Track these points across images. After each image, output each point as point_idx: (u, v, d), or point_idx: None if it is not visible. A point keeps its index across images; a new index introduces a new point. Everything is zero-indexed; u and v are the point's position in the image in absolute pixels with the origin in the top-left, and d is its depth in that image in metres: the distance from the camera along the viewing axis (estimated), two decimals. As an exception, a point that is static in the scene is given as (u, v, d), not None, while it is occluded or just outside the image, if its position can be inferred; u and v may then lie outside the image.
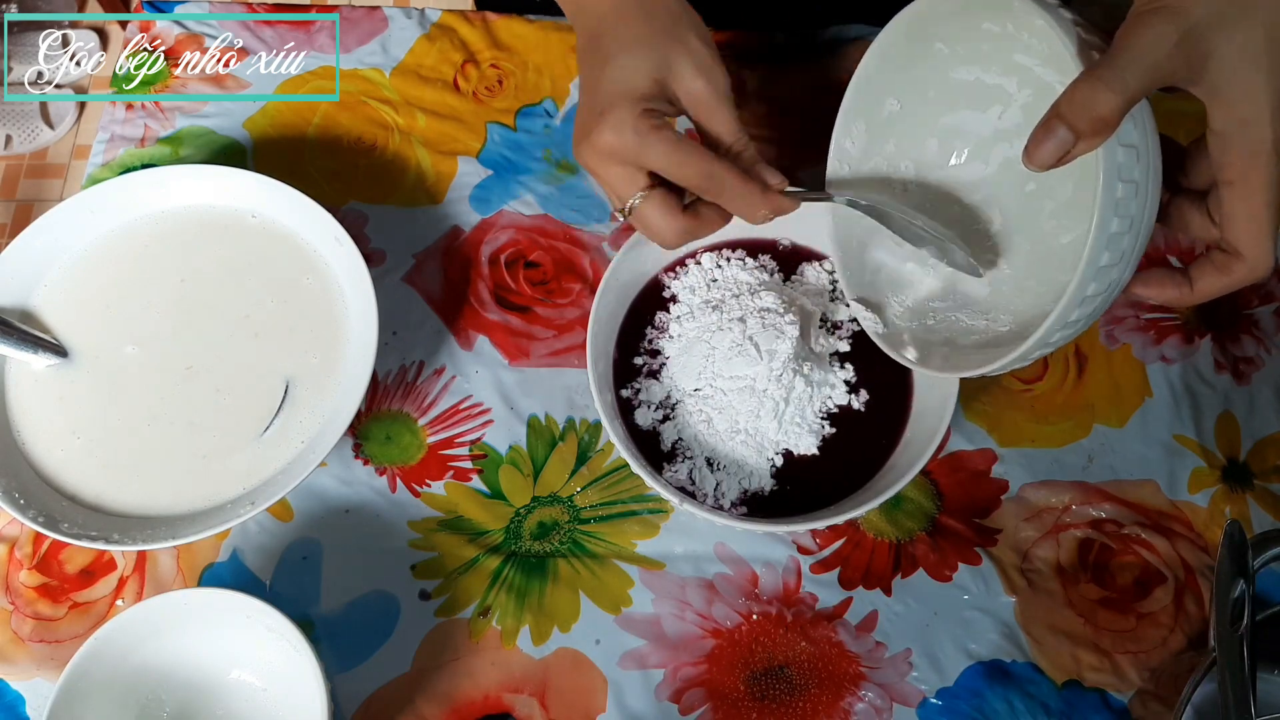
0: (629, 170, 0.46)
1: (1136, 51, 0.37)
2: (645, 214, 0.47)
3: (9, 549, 0.54)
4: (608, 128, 0.44)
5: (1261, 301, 0.62)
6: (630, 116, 0.44)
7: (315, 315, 0.57)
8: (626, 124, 0.44)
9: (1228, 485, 0.57)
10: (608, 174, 0.46)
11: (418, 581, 0.53)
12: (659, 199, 0.46)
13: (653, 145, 0.44)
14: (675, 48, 0.46)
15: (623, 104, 0.45)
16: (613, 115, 0.45)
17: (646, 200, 0.46)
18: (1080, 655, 0.52)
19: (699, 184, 0.45)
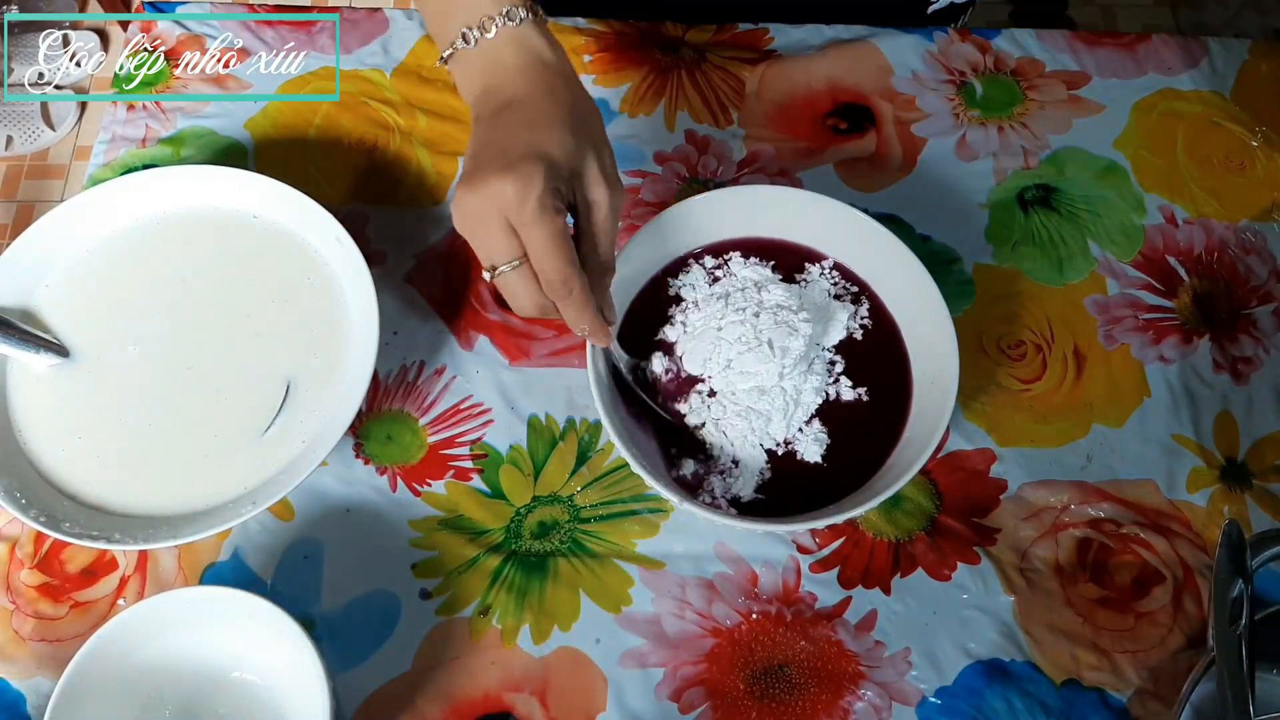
0: (508, 235, 0.45)
1: None
2: (513, 283, 0.46)
3: (10, 548, 0.54)
4: (513, 181, 0.43)
5: (1260, 301, 0.62)
6: (540, 184, 0.43)
7: (316, 315, 0.57)
8: (533, 189, 0.43)
9: (1226, 485, 0.57)
10: (487, 231, 0.45)
11: (418, 581, 0.53)
12: (529, 272, 0.46)
13: (543, 224, 0.44)
14: (591, 151, 0.46)
15: (538, 168, 0.43)
16: (525, 173, 0.43)
17: (519, 270, 0.46)
18: (1079, 654, 0.52)
19: (551, 281, 0.46)
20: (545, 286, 0.46)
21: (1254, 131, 0.68)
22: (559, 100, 0.47)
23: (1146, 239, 0.64)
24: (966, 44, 0.71)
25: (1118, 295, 0.62)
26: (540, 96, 0.47)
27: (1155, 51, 0.71)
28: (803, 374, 0.53)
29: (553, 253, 0.44)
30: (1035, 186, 0.65)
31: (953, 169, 0.66)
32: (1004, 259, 0.63)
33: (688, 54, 0.70)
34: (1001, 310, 0.61)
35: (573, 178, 0.46)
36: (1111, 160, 0.67)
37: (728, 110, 0.67)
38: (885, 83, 0.69)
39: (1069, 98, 0.69)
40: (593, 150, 0.46)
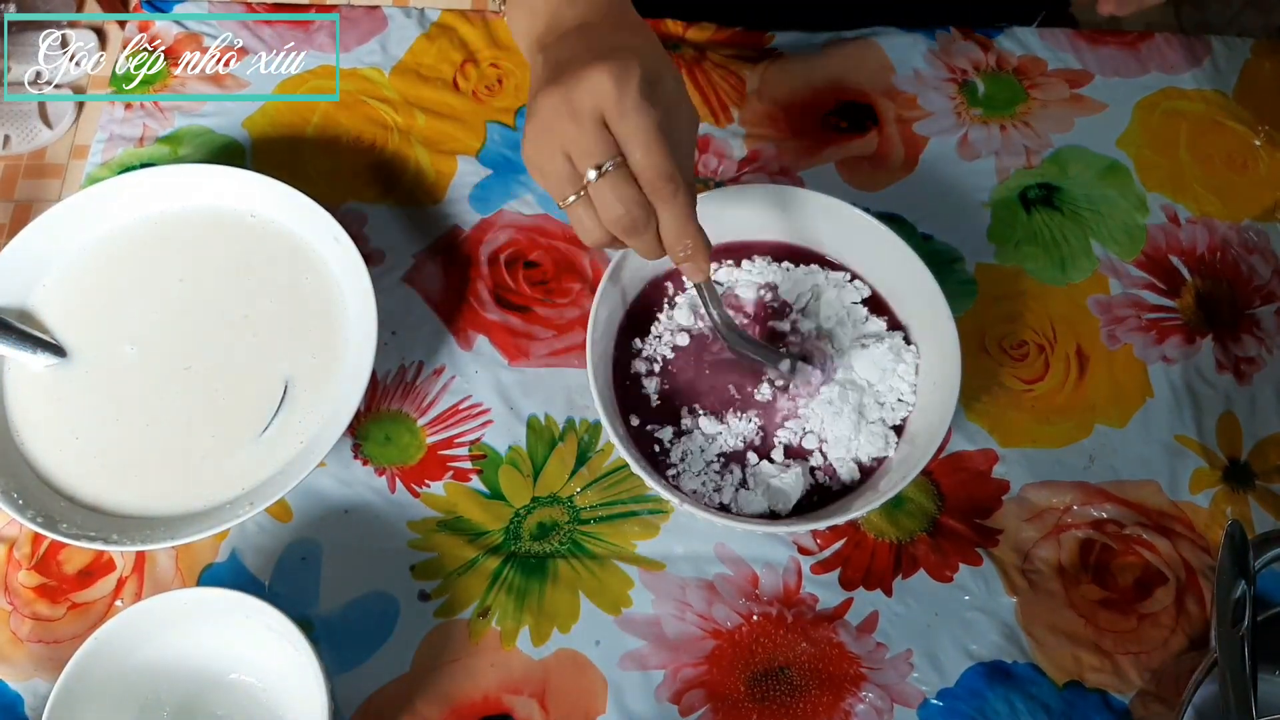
0: (605, 134, 0.41)
1: None
2: (612, 187, 0.42)
3: (8, 549, 0.53)
4: (609, 73, 0.40)
5: (1263, 301, 0.62)
6: (638, 71, 0.40)
7: (314, 315, 0.57)
8: (632, 78, 0.40)
9: (1229, 485, 0.57)
10: (579, 132, 0.41)
11: (417, 582, 0.53)
12: (626, 175, 0.42)
13: (645, 114, 0.40)
14: (668, 70, 0.44)
15: (633, 59, 0.40)
16: (622, 61, 0.40)
17: (615, 174, 0.41)
18: (1081, 656, 0.52)
19: (656, 180, 0.42)
20: (647, 187, 0.42)
21: (1257, 130, 0.68)
22: (633, 20, 0.45)
23: (1149, 238, 0.64)
24: (968, 42, 0.70)
25: (1120, 295, 0.62)
26: (616, 15, 0.45)
27: (1158, 50, 0.71)
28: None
29: (657, 144, 0.41)
30: (1038, 185, 0.65)
31: (955, 168, 0.66)
32: (1006, 258, 0.63)
33: (688, 52, 0.69)
34: (1004, 310, 0.61)
35: (655, 82, 0.42)
36: (1114, 159, 0.66)
37: (728, 109, 0.67)
38: (887, 81, 0.68)
39: (1071, 96, 0.68)
40: (668, 69, 0.43)
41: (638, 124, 0.41)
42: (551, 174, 0.43)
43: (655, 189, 0.42)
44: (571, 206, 0.44)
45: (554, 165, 0.43)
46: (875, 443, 0.53)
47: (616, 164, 0.41)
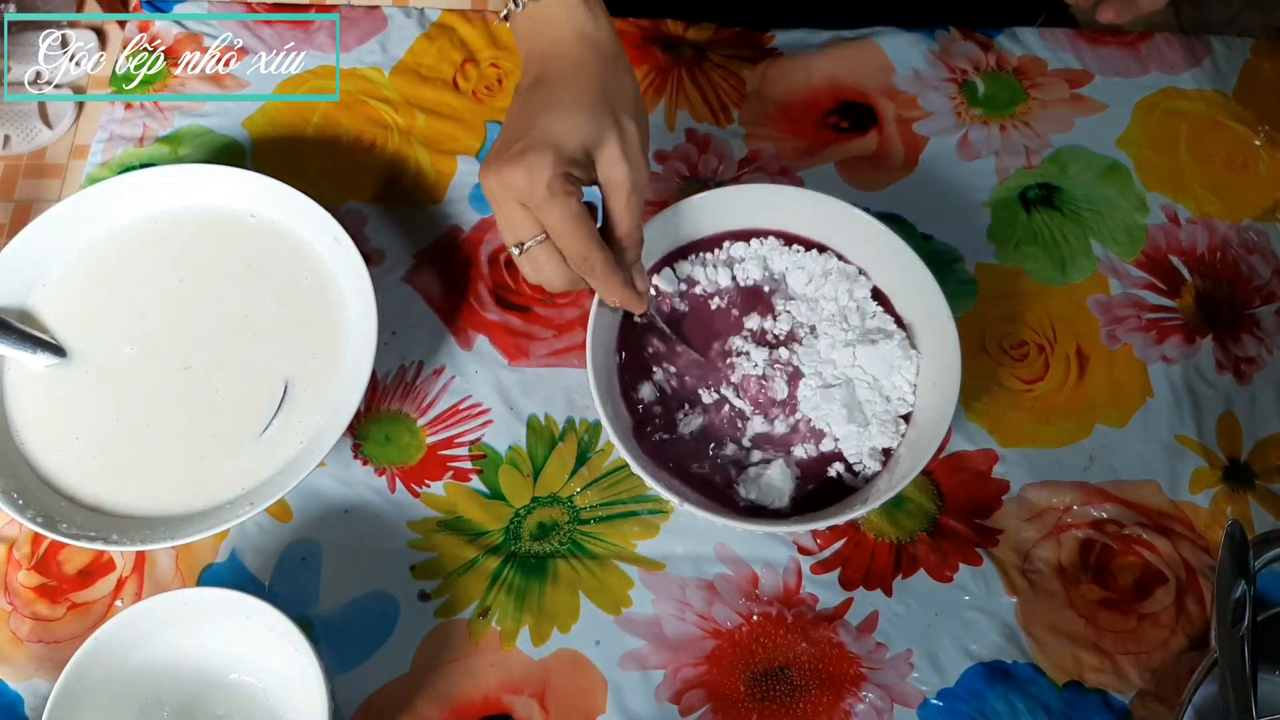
0: (527, 215, 0.47)
1: None
2: (538, 258, 0.48)
3: (8, 549, 0.53)
4: (523, 170, 0.45)
5: (1263, 301, 0.62)
6: (548, 171, 0.45)
7: (314, 315, 0.57)
8: (542, 176, 0.45)
9: (1229, 485, 0.57)
10: (508, 209, 0.47)
11: (417, 582, 0.53)
12: (553, 248, 0.48)
13: (555, 208, 0.45)
14: (613, 128, 0.47)
15: (546, 155, 0.45)
16: (533, 161, 0.45)
17: (543, 246, 0.48)
18: (1081, 656, 0.52)
19: (574, 258, 0.47)
20: (570, 263, 0.48)
21: (1257, 130, 0.68)
22: (584, 79, 0.48)
23: (1149, 238, 0.64)
24: (968, 42, 0.70)
25: (1120, 295, 0.62)
26: (567, 75, 0.48)
27: (1158, 50, 0.71)
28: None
29: (570, 232, 0.46)
30: (1037, 185, 0.65)
31: (955, 168, 0.66)
32: (1006, 258, 0.63)
33: (688, 52, 0.69)
34: (1004, 310, 0.61)
35: (588, 156, 0.47)
36: (1114, 159, 0.66)
37: (728, 109, 0.67)
38: (887, 81, 0.68)
39: (1071, 96, 0.68)
40: (614, 129, 0.47)
41: (550, 216, 0.46)
42: (501, 226, 0.49)
43: (576, 265, 0.48)
44: (518, 260, 0.49)
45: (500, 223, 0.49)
46: (886, 431, 0.53)
47: (539, 241, 0.47)
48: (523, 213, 0.47)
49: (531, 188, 0.45)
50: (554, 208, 0.45)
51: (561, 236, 0.46)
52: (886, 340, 0.54)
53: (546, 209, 0.45)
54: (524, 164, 0.45)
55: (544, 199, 0.45)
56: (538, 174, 0.45)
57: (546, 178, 0.45)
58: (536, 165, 0.45)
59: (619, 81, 0.48)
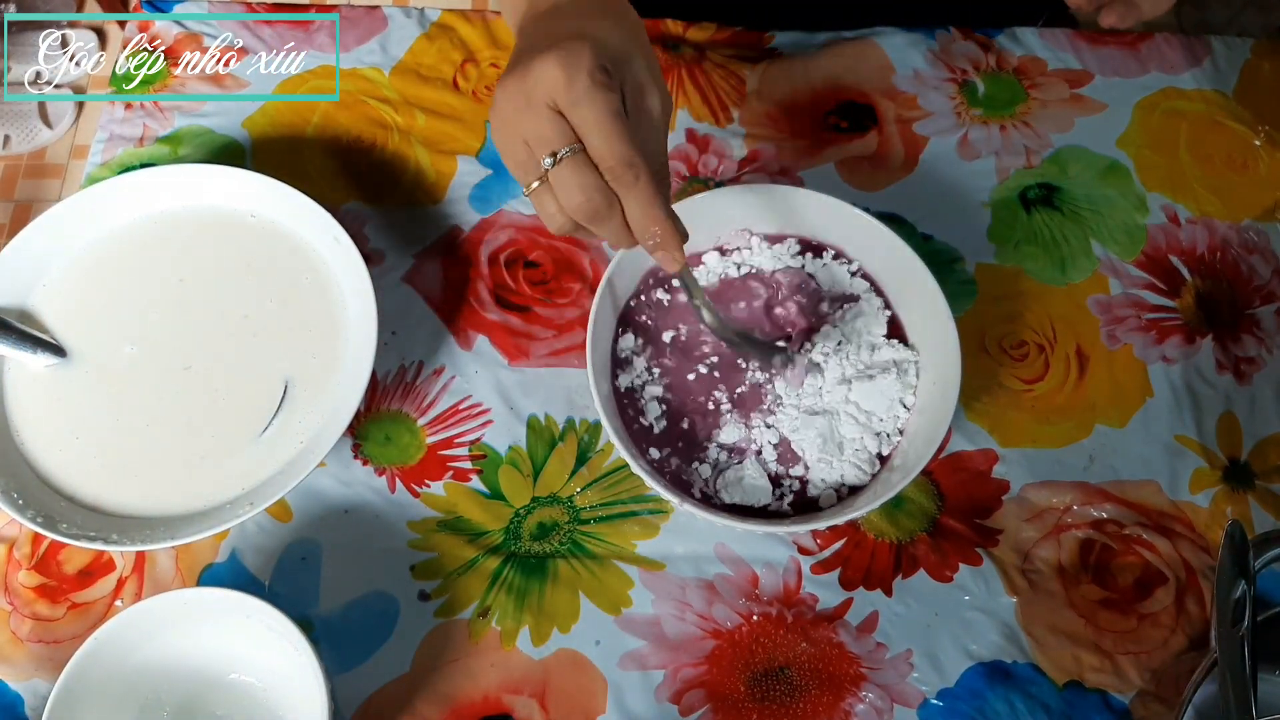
0: (560, 122, 0.40)
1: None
2: (567, 177, 0.41)
3: (8, 549, 0.53)
4: (558, 60, 0.39)
5: (1263, 301, 0.62)
6: (588, 59, 0.39)
7: (314, 315, 0.57)
8: (582, 65, 0.39)
9: (1229, 485, 0.57)
10: (534, 120, 0.41)
11: (417, 582, 0.53)
12: (585, 160, 0.41)
13: (598, 101, 0.39)
14: (638, 50, 0.43)
15: (584, 44, 0.39)
16: (571, 50, 0.39)
17: (574, 159, 0.41)
18: (1081, 656, 0.52)
19: (615, 166, 0.41)
20: (607, 174, 0.41)
21: (1257, 130, 0.68)
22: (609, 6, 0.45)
23: (1149, 238, 0.64)
24: (968, 42, 0.70)
25: (1120, 295, 0.62)
26: (589, 2, 0.45)
27: (1158, 50, 0.71)
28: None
29: (613, 129, 0.40)
30: (1037, 185, 0.65)
31: (955, 168, 0.66)
32: (1006, 258, 0.63)
33: (688, 52, 0.69)
34: (1004, 310, 0.61)
35: (620, 64, 0.42)
36: (1114, 159, 0.66)
37: (728, 109, 0.67)
38: (887, 81, 0.68)
39: (1071, 96, 0.68)
40: (640, 50, 0.43)
41: (590, 111, 0.40)
42: (513, 161, 0.43)
43: (616, 175, 0.41)
44: (535, 193, 0.43)
45: (515, 153, 0.42)
46: (859, 469, 0.52)
47: (574, 150, 0.41)
48: (552, 119, 0.40)
49: (571, 78, 0.39)
50: (596, 101, 0.39)
51: (603, 135, 0.40)
52: (884, 375, 0.54)
53: (587, 103, 0.39)
54: (559, 54, 0.39)
55: (585, 91, 0.39)
56: (578, 62, 0.39)
57: (588, 66, 0.39)
58: (575, 54, 0.39)
59: (634, 18, 0.45)
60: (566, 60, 0.39)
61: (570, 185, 0.41)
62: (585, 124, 0.40)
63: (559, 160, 0.41)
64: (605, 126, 0.40)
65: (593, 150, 0.41)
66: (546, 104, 0.40)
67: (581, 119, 0.40)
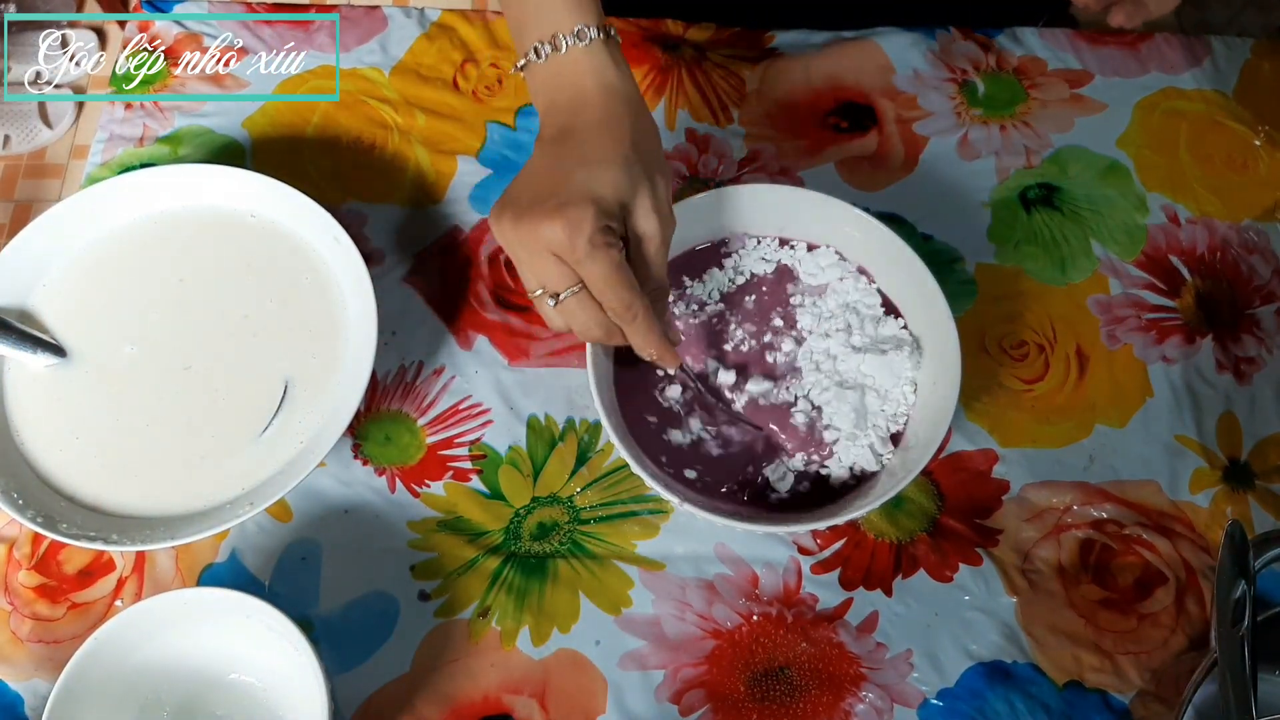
0: (564, 269, 0.46)
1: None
2: (573, 309, 0.47)
3: (8, 549, 0.53)
4: (563, 225, 0.44)
5: (1263, 301, 0.62)
6: (590, 225, 0.44)
7: (314, 315, 0.57)
8: (584, 230, 0.44)
9: (1229, 485, 0.57)
10: (540, 264, 0.46)
11: (417, 582, 0.53)
12: (589, 299, 0.47)
13: (599, 261, 0.44)
14: (644, 183, 0.46)
15: (588, 209, 0.44)
16: (574, 214, 0.44)
17: (579, 297, 0.46)
18: (1081, 656, 0.52)
19: (616, 308, 0.46)
20: (610, 314, 0.47)
21: (1257, 130, 0.68)
22: (617, 132, 0.47)
23: (1149, 238, 0.64)
24: (968, 42, 0.70)
25: (1120, 295, 0.62)
26: (598, 128, 0.47)
27: (1158, 50, 0.71)
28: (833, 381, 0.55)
29: (613, 284, 0.45)
30: (1038, 185, 0.65)
31: (955, 168, 0.66)
32: (1006, 258, 0.63)
33: (688, 52, 0.69)
34: (1004, 310, 0.61)
35: (623, 211, 0.46)
36: (1114, 159, 0.66)
37: (728, 109, 0.67)
38: (887, 81, 0.68)
39: (1071, 96, 0.68)
40: (646, 183, 0.46)
41: (593, 268, 0.45)
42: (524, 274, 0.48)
43: (618, 316, 0.47)
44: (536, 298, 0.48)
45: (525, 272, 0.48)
46: (869, 454, 0.53)
47: (576, 292, 0.46)
48: (557, 265, 0.45)
49: (573, 242, 0.44)
50: (598, 261, 0.44)
51: (607, 289, 0.46)
52: (897, 351, 0.54)
53: (589, 263, 0.45)
54: (564, 218, 0.44)
55: (586, 253, 0.44)
56: (580, 228, 0.44)
57: (589, 231, 0.44)
58: (578, 219, 0.44)
59: (647, 133, 0.48)
60: (571, 227, 0.44)
61: (576, 316, 0.48)
62: (590, 278, 0.46)
63: (562, 299, 0.47)
64: (607, 281, 0.45)
65: (597, 297, 0.46)
66: (549, 256, 0.45)
67: (586, 274, 0.45)
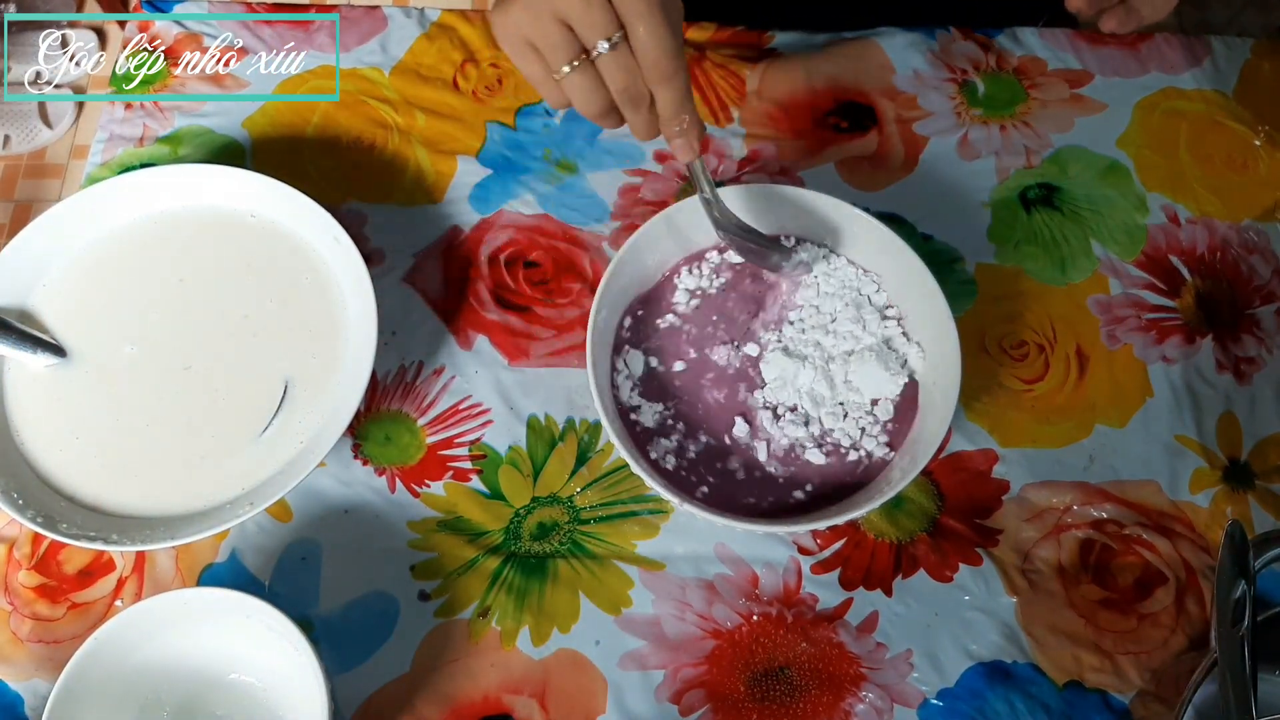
0: (611, 9, 0.41)
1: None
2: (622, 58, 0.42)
3: (8, 549, 0.53)
4: None
5: (1263, 301, 0.62)
6: None
7: (314, 315, 0.57)
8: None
9: (1229, 485, 0.57)
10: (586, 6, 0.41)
11: (417, 582, 0.53)
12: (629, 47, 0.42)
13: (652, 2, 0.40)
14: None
15: None
16: None
17: (624, 44, 0.42)
18: (1081, 656, 0.52)
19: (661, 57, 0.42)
20: (650, 63, 0.43)
21: (1257, 130, 0.68)
22: None
23: (1149, 238, 0.64)
24: (968, 42, 0.70)
25: (1120, 295, 0.62)
26: None
27: (1158, 50, 0.71)
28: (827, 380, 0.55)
29: (662, 22, 0.42)
30: (1038, 185, 0.65)
31: (955, 168, 0.66)
32: (1006, 258, 0.63)
33: (688, 52, 0.69)
34: (1004, 310, 0.61)
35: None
36: (1114, 159, 0.66)
37: (728, 108, 0.67)
38: (887, 81, 0.68)
39: (1071, 96, 0.68)
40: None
41: (644, 2, 0.41)
42: (547, 44, 0.43)
43: (659, 65, 0.43)
44: (569, 76, 0.44)
45: (551, 36, 0.43)
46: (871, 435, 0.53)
47: (622, 38, 0.42)
48: (600, 5, 0.41)
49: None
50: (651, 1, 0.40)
51: (654, 28, 0.41)
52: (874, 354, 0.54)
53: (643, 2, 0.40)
54: None
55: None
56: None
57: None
58: None
59: None
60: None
61: (618, 71, 0.43)
62: (639, 15, 0.41)
63: (613, 45, 0.42)
64: (657, 18, 0.41)
65: (638, 39, 0.42)
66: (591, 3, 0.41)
67: (636, 9, 0.41)
